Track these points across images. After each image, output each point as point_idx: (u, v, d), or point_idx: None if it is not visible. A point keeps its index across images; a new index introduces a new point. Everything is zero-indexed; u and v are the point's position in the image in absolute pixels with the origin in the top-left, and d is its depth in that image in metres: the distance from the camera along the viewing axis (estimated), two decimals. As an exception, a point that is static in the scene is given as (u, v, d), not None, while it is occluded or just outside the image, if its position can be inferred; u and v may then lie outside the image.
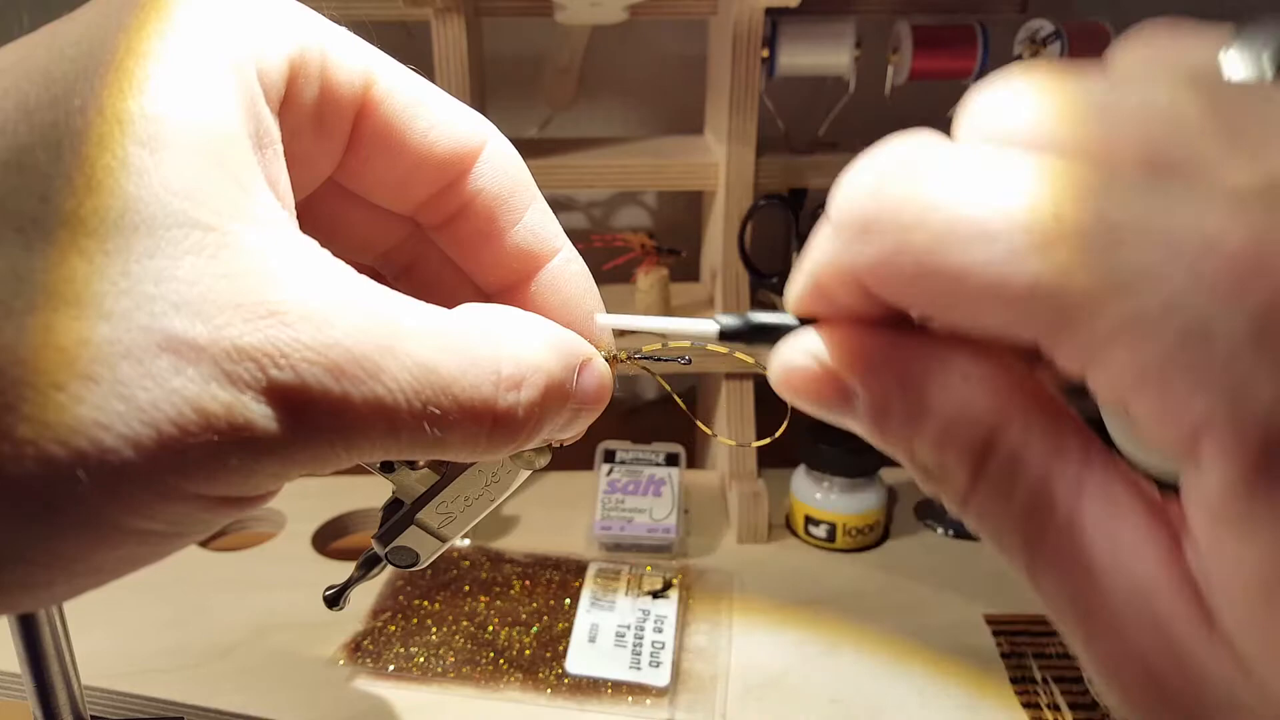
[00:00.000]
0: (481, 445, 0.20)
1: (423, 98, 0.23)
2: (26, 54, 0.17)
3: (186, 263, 0.16)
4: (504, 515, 0.69)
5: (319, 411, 0.17)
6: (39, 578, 0.17)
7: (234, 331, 0.16)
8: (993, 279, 0.15)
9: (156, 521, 0.17)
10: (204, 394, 0.16)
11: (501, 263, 0.25)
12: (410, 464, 0.27)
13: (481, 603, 0.59)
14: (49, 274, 0.16)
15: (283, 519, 0.67)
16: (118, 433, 0.15)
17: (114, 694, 0.51)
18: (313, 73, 0.21)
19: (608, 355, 0.25)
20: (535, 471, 0.27)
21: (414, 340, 0.19)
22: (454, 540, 0.28)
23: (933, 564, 0.64)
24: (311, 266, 0.18)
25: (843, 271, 0.18)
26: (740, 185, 0.67)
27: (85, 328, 0.15)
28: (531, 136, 0.82)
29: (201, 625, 0.56)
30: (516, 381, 0.20)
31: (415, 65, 0.24)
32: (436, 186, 0.24)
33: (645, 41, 0.80)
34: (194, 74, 0.18)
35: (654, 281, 0.70)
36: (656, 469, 0.69)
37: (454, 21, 0.60)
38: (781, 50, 0.66)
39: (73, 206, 0.16)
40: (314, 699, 0.51)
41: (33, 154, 0.16)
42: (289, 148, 0.20)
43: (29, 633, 0.36)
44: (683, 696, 0.52)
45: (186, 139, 0.17)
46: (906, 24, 0.67)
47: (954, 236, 0.15)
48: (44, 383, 0.15)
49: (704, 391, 0.78)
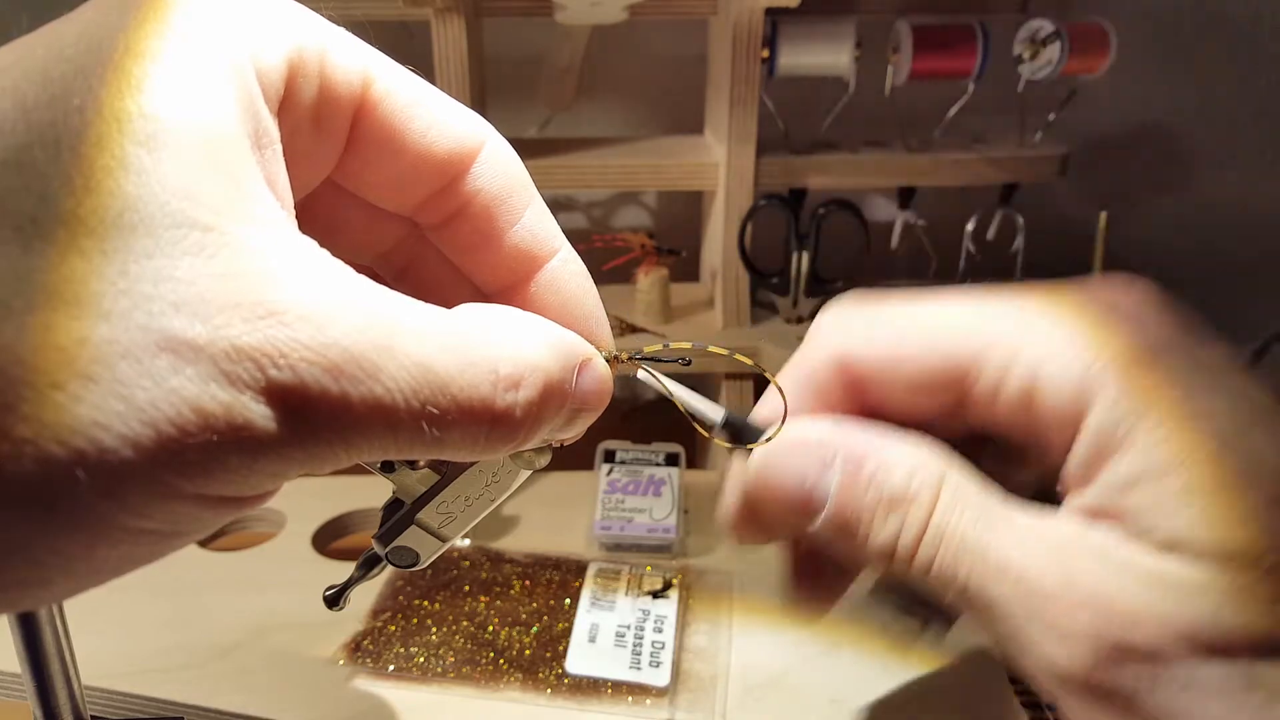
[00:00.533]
0: (480, 445, 0.20)
1: (421, 98, 0.23)
2: (25, 54, 0.17)
3: (185, 262, 0.16)
4: (504, 515, 0.69)
5: (318, 411, 0.17)
6: (37, 576, 0.17)
7: (233, 331, 0.16)
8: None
9: (155, 521, 0.17)
10: (203, 394, 0.16)
11: (500, 263, 0.25)
12: (410, 464, 0.27)
13: (481, 603, 0.59)
14: (48, 273, 0.16)
15: (283, 519, 0.67)
16: (116, 432, 0.15)
17: (114, 694, 0.51)
18: (311, 73, 0.21)
19: (607, 356, 0.25)
20: (535, 471, 0.27)
21: (413, 340, 0.19)
22: (454, 540, 0.28)
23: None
24: (310, 266, 0.18)
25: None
26: (740, 185, 0.67)
27: (84, 327, 0.15)
28: (531, 136, 0.82)
29: (201, 625, 0.56)
30: (515, 381, 0.20)
31: (415, 65, 0.24)
32: (435, 187, 0.24)
33: (645, 41, 0.80)
34: (193, 74, 0.18)
35: (654, 281, 0.70)
36: (656, 469, 0.69)
37: (454, 21, 0.60)
38: (781, 50, 0.66)
39: (71, 206, 0.16)
40: (314, 699, 0.51)
41: (31, 153, 0.16)
42: (287, 148, 0.20)
43: (29, 633, 0.36)
44: (683, 696, 0.52)
45: (185, 139, 0.17)
46: (906, 24, 0.67)
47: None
48: (43, 382, 0.15)
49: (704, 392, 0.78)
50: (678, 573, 0.61)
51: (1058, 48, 0.65)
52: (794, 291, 0.71)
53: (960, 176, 0.70)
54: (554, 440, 0.25)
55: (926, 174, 0.70)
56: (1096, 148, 0.83)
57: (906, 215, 0.72)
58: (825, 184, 0.69)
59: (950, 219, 0.72)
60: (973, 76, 0.67)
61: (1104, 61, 0.67)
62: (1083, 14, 0.70)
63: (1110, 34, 0.66)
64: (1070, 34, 0.65)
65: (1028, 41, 0.67)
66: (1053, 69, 0.66)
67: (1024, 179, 0.71)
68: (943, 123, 0.71)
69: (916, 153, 0.70)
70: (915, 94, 0.69)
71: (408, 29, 0.71)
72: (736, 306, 0.71)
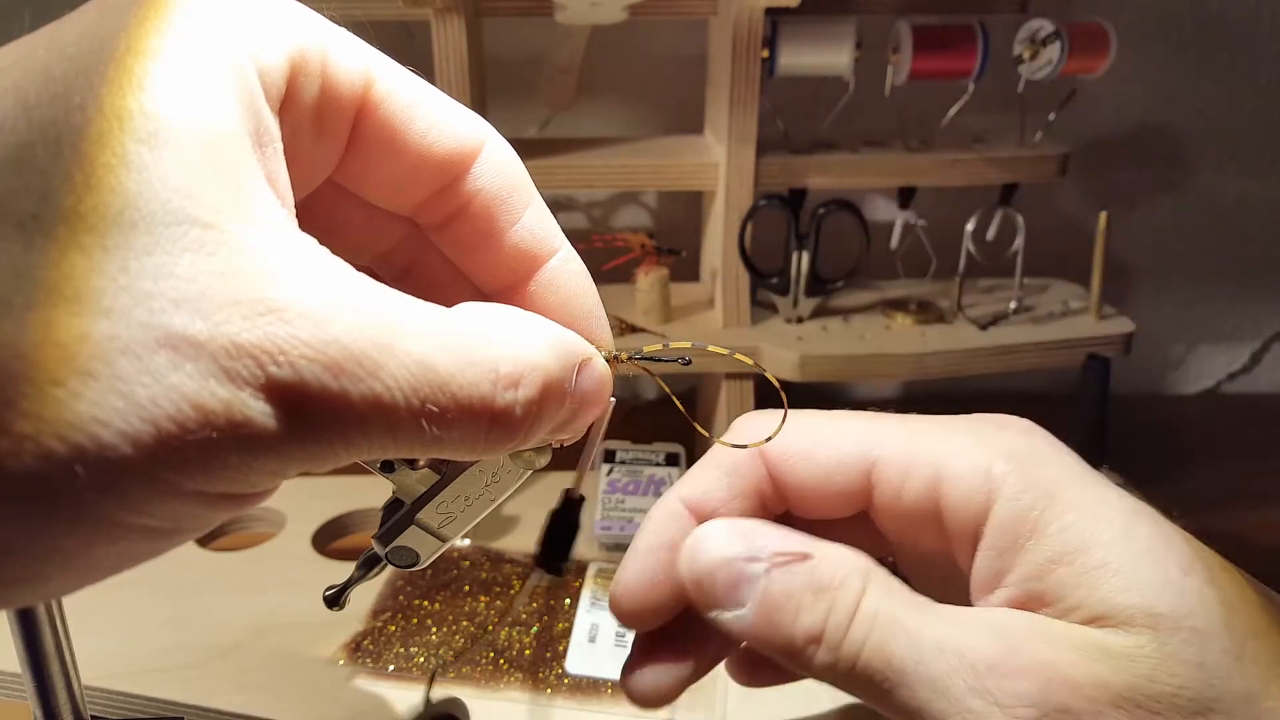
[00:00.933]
0: (480, 443, 0.20)
1: (422, 98, 0.23)
2: (27, 53, 0.17)
3: (185, 260, 0.16)
4: (504, 515, 0.69)
5: (317, 409, 0.17)
6: (35, 572, 0.17)
7: (232, 328, 0.16)
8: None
9: (153, 518, 0.17)
10: (202, 390, 0.16)
11: (500, 263, 0.25)
12: (410, 464, 0.27)
13: (481, 603, 0.59)
14: (49, 270, 0.16)
15: (283, 519, 0.67)
16: (116, 428, 0.15)
17: (114, 694, 0.51)
18: (313, 72, 0.21)
19: (607, 355, 0.25)
20: (535, 471, 0.27)
21: (412, 338, 0.19)
22: (454, 540, 0.28)
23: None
24: (310, 264, 0.18)
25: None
26: (740, 185, 0.67)
27: (84, 324, 0.16)
28: (531, 136, 0.82)
29: (201, 625, 0.56)
30: (514, 380, 0.20)
31: (415, 65, 0.24)
32: (435, 187, 0.24)
33: (645, 41, 0.80)
34: (194, 72, 0.18)
35: (654, 281, 0.70)
36: (656, 469, 0.69)
37: (454, 21, 0.60)
38: (781, 50, 0.66)
39: (72, 203, 0.16)
40: (314, 699, 0.51)
41: (32, 151, 0.16)
42: (289, 147, 0.20)
43: (29, 633, 0.36)
44: (683, 696, 0.52)
45: (186, 137, 0.17)
46: (906, 24, 0.67)
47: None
48: (43, 378, 0.15)
49: (704, 392, 0.78)
50: (678, 573, 0.61)
51: (1058, 48, 0.65)
52: (794, 291, 0.71)
53: (960, 176, 0.70)
54: (554, 440, 0.25)
55: (926, 174, 0.70)
56: (1096, 148, 0.83)
57: (906, 215, 0.72)
58: (825, 184, 0.69)
59: (950, 219, 0.72)
60: (973, 76, 0.67)
61: (1104, 61, 0.67)
62: (1083, 14, 0.70)
63: (1110, 34, 0.66)
64: (1070, 34, 0.65)
65: (1028, 41, 0.67)
66: (1053, 69, 0.66)
67: (1024, 179, 0.71)
68: (943, 123, 0.71)
69: (916, 153, 0.70)
70: (915, 94, 0.69)
71: (408, 29, 0.71)
72: (736, 306, 0.71)
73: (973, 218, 0.72)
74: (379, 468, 0.26)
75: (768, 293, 0.72)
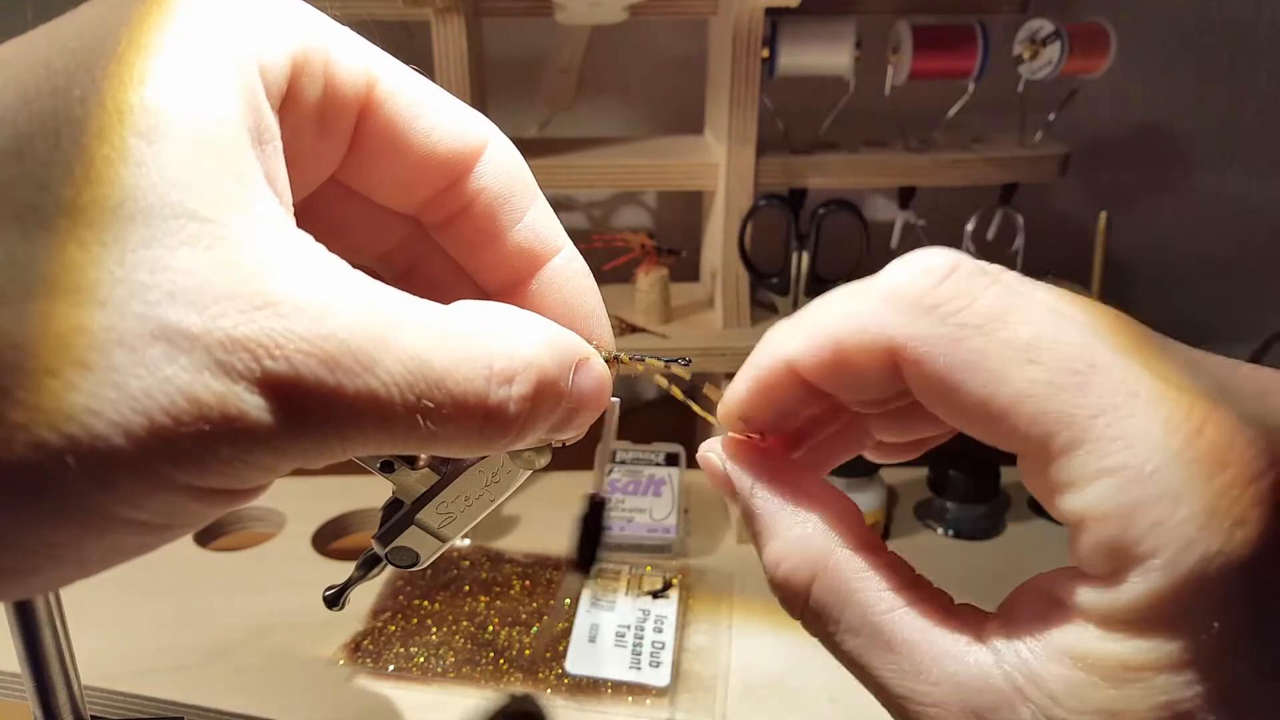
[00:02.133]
0: (475, 440, 0.20)
1: (425, 98, 0.23)
2: (28, 47, 0.17)
3: (183, 253, 0.16)
4: (504, 515, 0.69)
5: (312, 403, 0.17)
6: (25, 564, 0.16)
7: (228, 322, 0.16)
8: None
9: (145, 511, 0.17)
10: (196, 383, 0.16)
11: (503, 262, 0.25)
12: (410, 464, 0.26)
13: (481, 603, 0.59)
14: (46, 262, 0.16)
15: (283, 519, 0.67)
16: (109, 419, 0.15)
17: (114, 694, 0.51)
18: (316, 71, 0.21)
19: (607, 356, 0.25)
20: (535, 471, 0.27)
21: (408, 334, 0.19)
22: (454, 540, 0.28)
23: (932, 564, 0.64)
24: (307, 260, 0.18)
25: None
26: (740, 185, 0.67)
27: (81, 315, 0.15)
28: (531, 136, 0.82)
29: (201, 625, 0.56)
30: (508, 376, 0.20)
31: (415, 65, 0.24)
32: (438, 186, 0.24)
33: (645, 41, 0.80)
34: (195, 69, 0.18)
35: (654, 281, 0.70)
36: (656, 469, 0.69)
37: (454, 21, 0.60)
38: (781, 50, 0.66)
39: (71, 196, 0.16)
40: (314, 699, 0.51)
41: (32, 143, 0.16)
42: (291, 146, 0.20)
43: (29, 633, 0.36)
44: (683, 696, 0.52)
45: (185, 132, 0.17)
46: (906, 24, 0.67)
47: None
48: (38, 368, 0.15)
49: (704, 392, 0.78)
50: (678, 573, 0.61)
51: (1058, 48, 0.65)
52: (794, 291, 0.71)
53: (960, 176, 0.70)
54: (554, 440, 0.25)
55: (926, 174, 0.70)
56: (1096, 148, 0.83)
57: (906, 215, 0.72)
58: (825, 184, 0.69)
59: (950, 219, 0.72)
60: (973, 76, 0.67)
61: (1104, 61, 0.67)
62: (1083, 14, 0.70)
63: (1110, 34, 0.66)
64: (1070, 34, 0.65)
65: (1028, 41, 0.67)
66: (1053, 69, 0.66)
67: (1024, 179, 0.71)
68: (943, 123, 0.71)
69: (916, 153, 0.70)
70: (915, 94, 0.69)
71: (408, 29, 0.71)
72: (736, 306, 0.71)
73: (973, 218, 0.72)
74: (379, 468, 0.26)
75: (767, 293, 0.72)
